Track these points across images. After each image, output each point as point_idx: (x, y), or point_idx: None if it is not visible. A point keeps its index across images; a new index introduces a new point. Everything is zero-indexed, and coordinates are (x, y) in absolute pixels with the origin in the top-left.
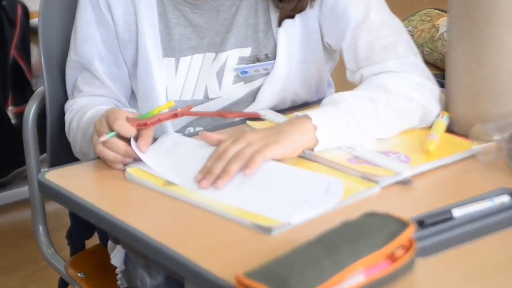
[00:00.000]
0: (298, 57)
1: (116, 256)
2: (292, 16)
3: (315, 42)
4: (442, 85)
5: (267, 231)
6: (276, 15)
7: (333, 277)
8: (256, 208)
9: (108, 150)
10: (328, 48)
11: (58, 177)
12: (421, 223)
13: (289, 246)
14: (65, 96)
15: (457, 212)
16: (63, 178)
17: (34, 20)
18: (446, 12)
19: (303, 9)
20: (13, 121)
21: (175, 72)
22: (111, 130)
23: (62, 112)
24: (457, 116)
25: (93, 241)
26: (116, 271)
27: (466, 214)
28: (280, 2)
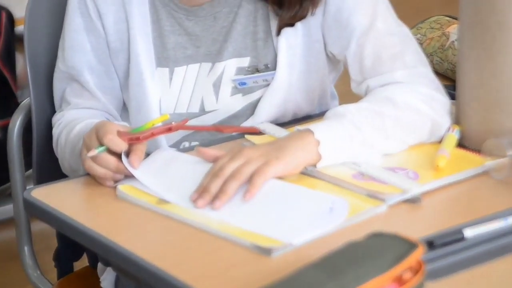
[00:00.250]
0: (300, 67)
1: (106, 279)
2: (292, 24)
3: (318, 51)
4: (453, 96)
5: (267, 252)
6: (276, 23)
7: None
8: (256, 227)
9: (98, 166)
10: (331, 57)
11: (44, 194)
12: (430, 244)
13: (290, 268)
14: (52, 108)
15: (469, 232)
16: (50, 195)
17: (20, 28)
18: (457, 19)
19: (304, 16)
20: None
21: (169, 83)
22: (101, 144)
23: (49, 126)
24: (468, 130)
25: (81, 263)
26: None
27: (478, 234)
28: (280, 9)
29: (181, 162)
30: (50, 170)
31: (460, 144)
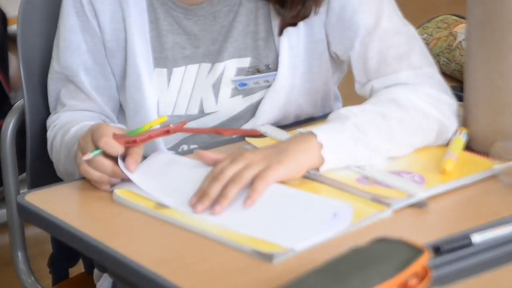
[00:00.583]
0: (302, 68)
1: (103, 285)
2: (294, 24)
3: (321, 52)
4: (460, 98)
5: (268, 258)
6: (278, 22)
7: None
8: (257, 232)
9: (93, 170)
10: (335, 58)
11: (39, 199)
12: (437, 250)
13: (292, 274)
14: (46, 110)
15: (476, 238)
16: (45, 200)
17: (13, 27)
18: (464, 18)
19: (306, 16)
20: None
21: (167, 84)
22: (96, 147)
23: (43, 128)
24: (476, 133)
25: (77, 269)
26: None
27: (486, 239)
28: (282, 8)
29: (179, 166)
30: (44, 173)
31: (468, 147)
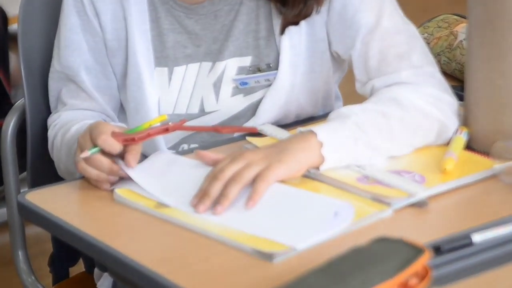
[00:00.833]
0: (303, 67)
1: (103, 284)
2: (296, 23)
3: (323, 51)
4: (461, 97)
5: (268, 257)
6: (279, 21)
7: None
8: (258, 230)
9: (91, 168)
10: (336, 57)
11: (39, 198)
12: (437, 249)
13: (293, 274)
14: (47, 109)
15: (477, 237)
16: (45, 199)
17: (13, 26)
18: (465, 18)
19: (308, 15)
20: None
21: (168, 83)
22: (95, 145)
23: (44, 127)
24: (477, 132)
25: (77, 268)
26: None
27: (487, 239)
28: (283, 7)
29: (180, 166)
30: (44, 172)
31: (468, 147)
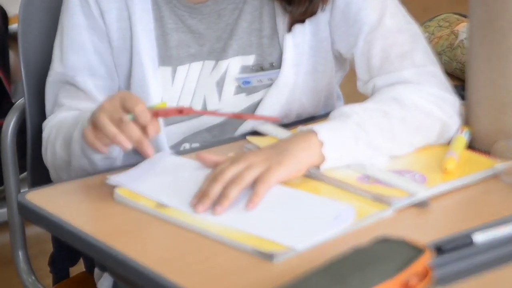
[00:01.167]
0: (306, 67)
1: (104, 284)
2: (302, 21)
3: (326, 50)
4: (462, 97)
5: (269, 257)
6: (283, 20)
7: None
8: (257, 230)
9: (111, 125)
10: (338, 56)
11: (39, 198)
12: (438, 249)
13: (293, 274)
14: None
15: (478, 237)
16: (45, 199)
17: (14, 26)
18: (466, 17)
19: (314, 12)
20: None
21: (172, 82)
22: (127, 112)
23: None
24: (478, 132)
25: (78, 268)
26: None
27: (488, 239)
28: (289, 5)
29: (180, 167)
30: (45, 172)
31: (470, 146)
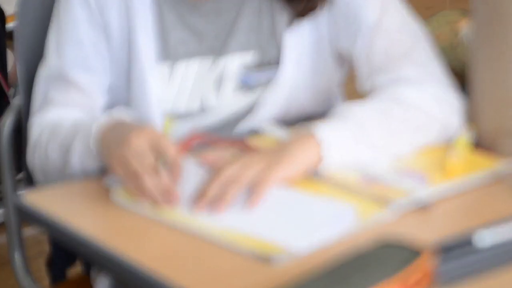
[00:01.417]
0: (306, 65)
1: (101, 286)
2: (302, 18)
3: (326, 48)
4: (464, 96)
5: (268, 260)
6: (282, 18)
7: None
8: (257, 232)
9: (148, 178)
10: (338, 55)
11: (37, 198)
12: (439, 250)
13: (292, 277)
14: None
15: (479, 238)
16: (43, 200)
17: (10, 25)
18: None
19: (313, 9)
20: None
21: (169, 79)
22: (156, 154)
23: None
24: (481, 131)
25: (75, 269)
26: None
27: (489, 240)
28: (288, 2)
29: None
30: None
31: (473, 145)
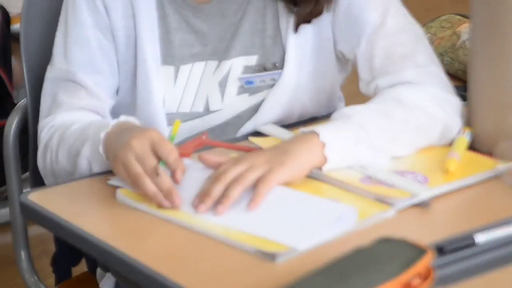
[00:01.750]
0: (309, 68)
1: (106, 284)
2: (308, 21)
3: (328, 51)
4: (464, 98)
5: (270, 257)
6: (286, 20)
7: None
8: (259, 231)
9: (151, 184)
10: (340, 57)
11: (42, 198)
12: (440, 250)
13: (295, 274)
14: None
15: (480, 238)
16: (48, 199)
17: (15, 26)
18: (468, 17)
19: (320, 12)
20: None
21: (174, 81)
22: (157, 157)
23: None
24: (480, 132)
25: (80, 268)
26: None
27: (490, 239)
28: (295, 5)
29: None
30: None
31: (471, 147)
